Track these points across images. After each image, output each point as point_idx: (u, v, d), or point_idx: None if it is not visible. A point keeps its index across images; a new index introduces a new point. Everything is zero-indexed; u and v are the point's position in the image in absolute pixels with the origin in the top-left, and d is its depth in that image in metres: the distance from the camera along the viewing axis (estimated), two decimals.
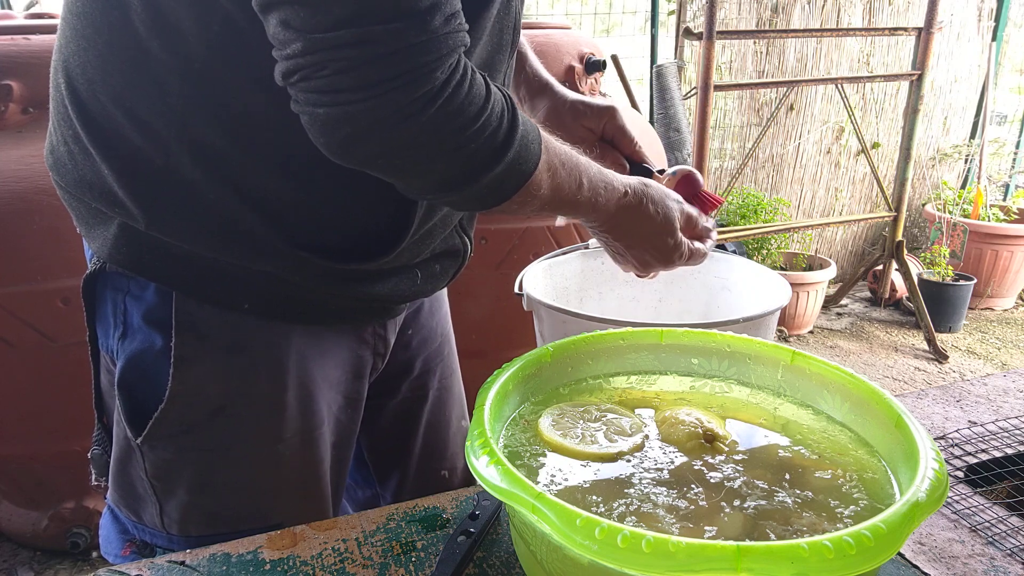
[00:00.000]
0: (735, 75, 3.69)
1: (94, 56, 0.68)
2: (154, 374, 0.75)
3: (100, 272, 0.75)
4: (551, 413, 0.67)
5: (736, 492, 0.57)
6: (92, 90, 0.69)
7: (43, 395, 1.73)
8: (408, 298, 0.86)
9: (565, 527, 0.45)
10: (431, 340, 1.01)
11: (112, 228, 0.72)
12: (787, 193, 3.95)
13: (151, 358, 0.75)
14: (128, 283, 0.75)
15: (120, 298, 0.75)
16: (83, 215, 0.75)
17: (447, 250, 0.87)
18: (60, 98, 0.72)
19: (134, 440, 0.77)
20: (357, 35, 0.56)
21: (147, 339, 0.75)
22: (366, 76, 0.57)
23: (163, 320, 0.74)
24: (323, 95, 0.58)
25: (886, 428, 0.61)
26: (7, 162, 1.61)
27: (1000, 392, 1.06)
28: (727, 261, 1.41)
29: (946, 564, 0.70)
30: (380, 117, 0.59)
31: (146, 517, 0.81)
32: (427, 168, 0.65)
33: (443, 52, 0.59)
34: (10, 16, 1.87)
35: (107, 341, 0.78)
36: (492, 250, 1.96)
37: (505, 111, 0.66)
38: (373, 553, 0.69)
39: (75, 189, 0.73)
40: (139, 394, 0.76)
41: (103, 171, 0.70)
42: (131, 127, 0.68)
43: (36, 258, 1.60)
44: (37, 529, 1.88)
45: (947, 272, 3.50)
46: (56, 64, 0.73)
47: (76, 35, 0.69)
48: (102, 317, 0.78)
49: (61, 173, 0.75)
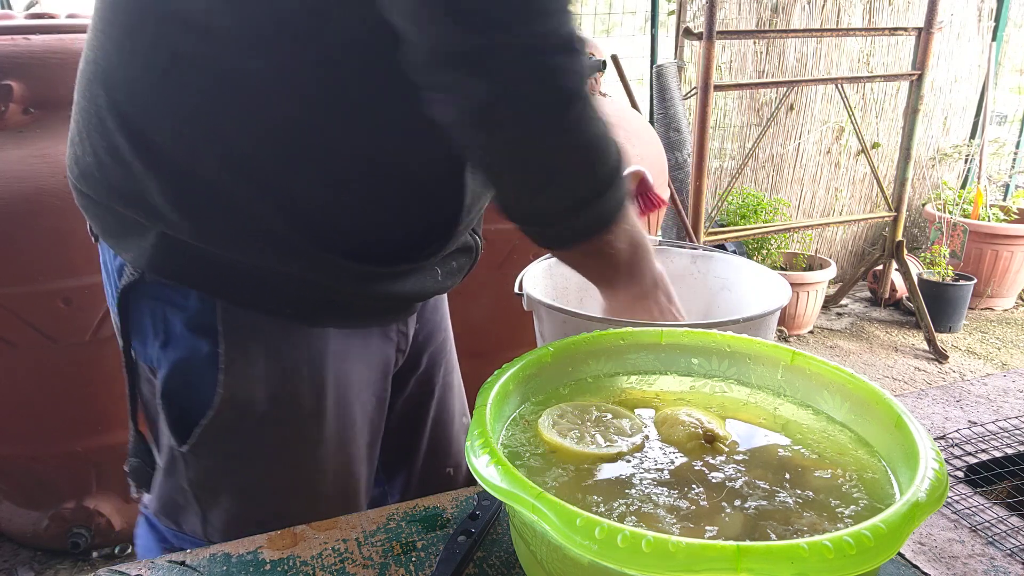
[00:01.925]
0: (735, 75, 3.68)
1: (140, 70, 0.67)
2: (200, 381, 0.75)
3: (138, 283, 0.74)
4: (551, 413, 0.67)
5: (737, 492, 0.57)
6: (140, 103, 0.68)
7: (43, 395, 1.73)
8: (431, 294, 0.87)
9: (565, 527, 0.45)
10: (435, 335, 1.02)
11: (150, 238, 0.71)
12: (787, 193, 3.95)
13: (196, 365, 0.74)
14: (169, 292, 0.74)
15: (160, 307, 0.75)
16: (111, 225, 0.74)
17: (461, 247, 0.88)
18: (95, 110, 0.71)
19: (178, 448, 0.77)
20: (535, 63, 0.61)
21: (192, 346, 0.74)
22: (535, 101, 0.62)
23: (208, 327, 0.73)
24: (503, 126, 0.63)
25: (886, 428, 0.61)
26: (8, 162, 1.61)
27: (1000, 392, 1.06)
28: (727, 261, 1.40)
29: (946, 564, 0.70)
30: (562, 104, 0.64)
31: (187, 526, 0.81)
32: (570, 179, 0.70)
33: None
34: (10, 16, 1.87)
35: (145, 350, 0.77)
36: (492, 250, 1.96)
37: (612, 139, 0.71)
38: (373, 553, 0.69)
39: (106, 200, 0.73)
40: (184, 402, 0.76)
41: (146, 183, 0.69)
42: (180, 140, 0.68)
43: (37, 258, 1.60)
44: (37, 529, 1.88)
45: (947, 272, 3.50)
46: (91, 76, 0.72)
47: (118, 48, 0.68)
48: (139, 327, 0.77)
49: (90, 184, 0.74)
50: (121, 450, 1.85)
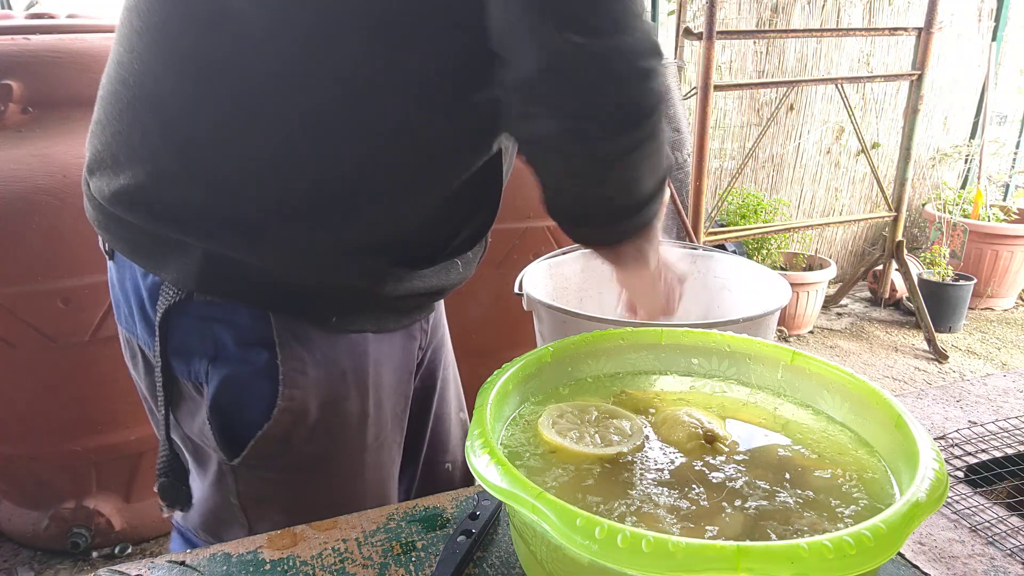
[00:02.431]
0: (735, 75, 3.68)
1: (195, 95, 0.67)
2: (254, 394, 0.75)
3: (184, 302, 0.73)
4: (551, 413, 0.67)
5: (737, 492, 0.57)
6: (195, 126, 0.68)
7: (43, 395, 1.73)
8: (455, 285, 0.88)
9: (565, 527, 0.45)
10: (436, 331, 1.03)
11: (196, 256, 0.71)
12: (787, 193, 3.95)
13: (250, 379, 0.75)
14: (215, 309, 0.74)
15: (207, 325, 0.74)
16: (144, 246, 0.73)
17: (472, 235, 0.89)
18: (140, 135, 0.70)
19: (227, 463, 0.77)
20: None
21: (245, 360, 0.75)
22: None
23: (264, 340, 0.74)
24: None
25: (886, 428, 0.61)
26: (7, 162, 1.61)
27: (1000, 392, 1.05)
28: (727, 261, 1.40)
29: (946, 564, 0.70)
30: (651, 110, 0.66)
31: (228, 539, 0.81)
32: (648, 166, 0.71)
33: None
34: (10, 16, 1.87)
35: (190, 368, 0.76)
36: (492, 250, 1.95)
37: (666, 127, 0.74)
38: (373, 553, 0.69)
39: (150, 224, 0.71)
40: (235, 416, 0.76)
41: (204, 204, 0.69)
42: (242, 161, 0.68)
43: (36, 258, 1.60)
44: (37, 529, 1.88)
45: (947, 272, 3.50)
46: (133, 99, 0.70)
47: (174, 71, 0.67)
48: (183, 345, 0.76)
49: (127, 207, 0.72)
50: (121, 450, 1.85)
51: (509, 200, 1.09)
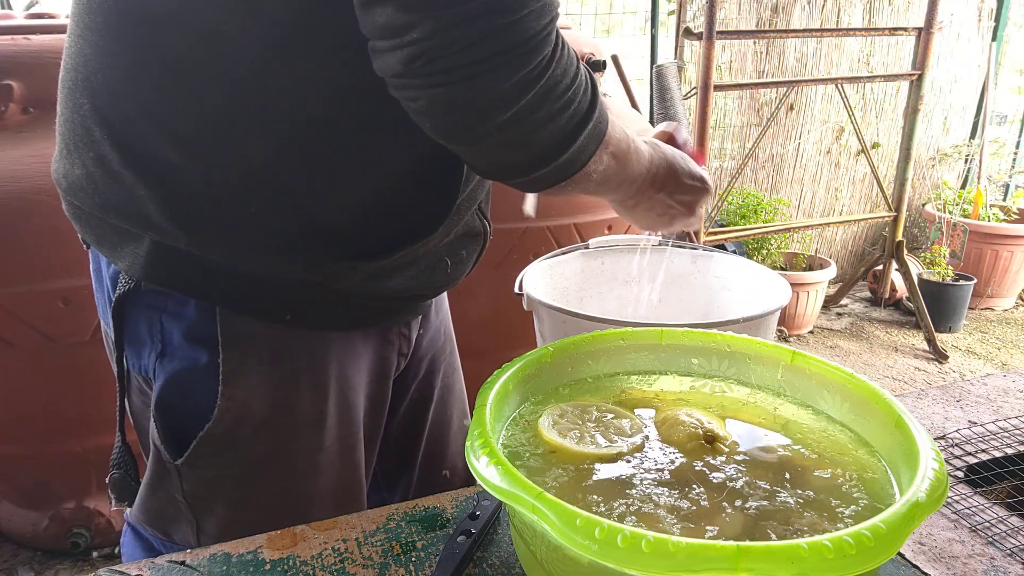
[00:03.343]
0: (735, 75, 3.68)
1: (121, 72, 0.66)
2: (197, 393, 0.73)
3: (134, 291, 0.73)
4: (551, 413, 0.67)
5: (738, 492, 0.57)
6: (122, 108, 0.67)
7: (43, 395, 1.73)
8: (441, 288, 0.86)
9: (565, 527, 0.45)
10: (436, 339, 1.01)
11: (144, 246, 0.70)
12: (787, 193, 3.95)
13: (194, 376, 0.73)
14: (165, 301, 0.73)
15: (156, 317, 0.73)
16: (106, 235, 0.73)
17: (468, 232, 0.86)
18: (80, 120, 0.69)
19: (172, 462, 0.75)
20: (482, 6, 0.55)
21: (190, 357, 0.73)
22: (490, 48, 0.57)
23: (207, 336, 0.72)
24: (447, 74, 0.57)
25: (886, 428, 0.61)
26: (7, 162, 1.61)
27: (1000, 392, 1.05)
28: (727, 261, 1.40)
29: (946, 564, 0.70)
30: (506, 86, 0.58)
31: (177, 536, 0.80)
32: (537, 137, 0.64)
33: (554, 14, 0.60)
34: (10, 16, 1.87)
35: (139, 361, 0.76)
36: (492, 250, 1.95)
37: (582, 67, 0.66)
38: (373, 553, 0.69)
39: (98, 212, 0.71)
40: (179, 414, 0.75)
41: (137, 192, 0.68)
42: (168, 144, 0.66)
43: (36, 258, 1.60)
44: (37, 529, 1.88)
45: (947, 272, 3.50)
46: (73, 84, 0.70)
47: (99, 52, 0.67)
48: (134, 337, 0.75)
49: (80, 197, 0.72)
50: None
51: (509, 200, 1.09)
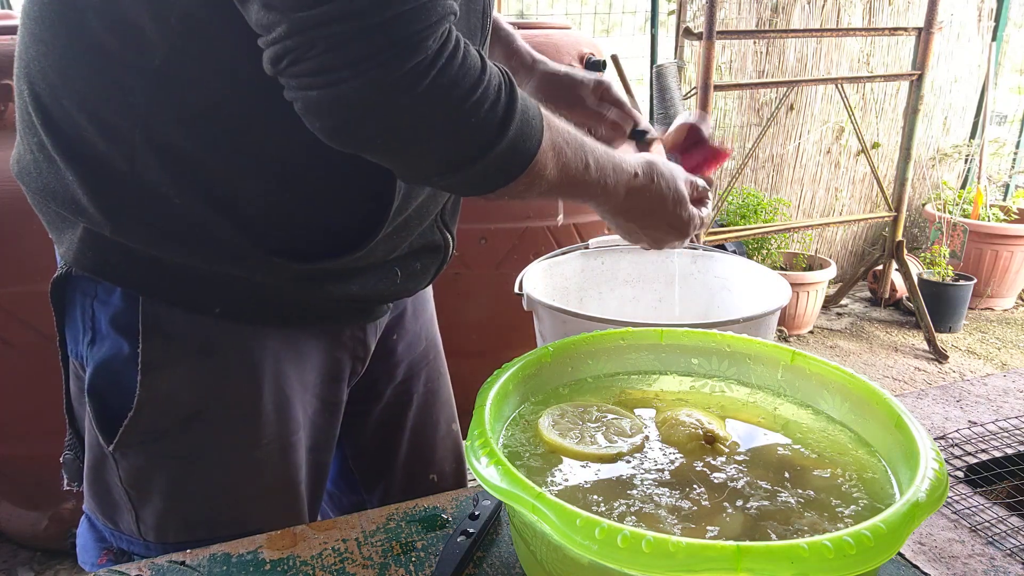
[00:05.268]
0: (735, 75, 3.68)
1: (54, 60, 0.67)
2: (123, 381, 0.73)
3: (67, 276, 0.74)
4: (551, 413, 0.67)
5: (738, 492, 0.57)
6: (54, 95, 0.67)
7: (43, 395, 1.72)
8: (389, 297, 0.85)
9: (565, 527, 0.45)
10: (415, 344, 1.00)
11: (77, 232, 0.71)
12: (787, 193, 3.95)
13: (119, 364, 0.73)
14: (96, 288, 0.73)
15: (88, 303, 0.74)
16: (52, 220, 0.74)
17: (426, 245, 0.85)
18: (23, 105, 0.71)
19: (106, 447, 0.75)
20: (341, 9, 0.54)
21: (115, 345, 0.73)
22: (355, 51, 0.55)
23: (130, 325, 0.72)
24: (314, 77, 0.56)
25: (886, 428, 0.61)
26: (7, 162, 1.61)
27: (1000, 392, 1.06)
28: (727, 261, 1.41)
29: (946, 564, 0.70)
30: (373, 93, 0.57)
31: (123, 524, 0.79)
32: (427, 147, 0.62)
33: (432, 20, 0.57)
34: (10, 16, 1.87)
35: (76, 347, 0.76)
36: (492, 250, 1.96)
37: (503, 84, 0.63)
38: (373, 553, 0.69)
39: (41, 196, 0.72)
40: (109, 401, 0.75)
41: (67, 177, 0.68)
42: (94, 131, 0.67)
43: (36, 258, 1.60)
44: (37, 529, 1.88)
45: (947, 272, 3.50)
46: (18, 71, 0.71)
47: (35, 40, 0.68)
48: (71, 322, 0.76)
49: (27, 181, 0.73)
50: None
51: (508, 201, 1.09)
